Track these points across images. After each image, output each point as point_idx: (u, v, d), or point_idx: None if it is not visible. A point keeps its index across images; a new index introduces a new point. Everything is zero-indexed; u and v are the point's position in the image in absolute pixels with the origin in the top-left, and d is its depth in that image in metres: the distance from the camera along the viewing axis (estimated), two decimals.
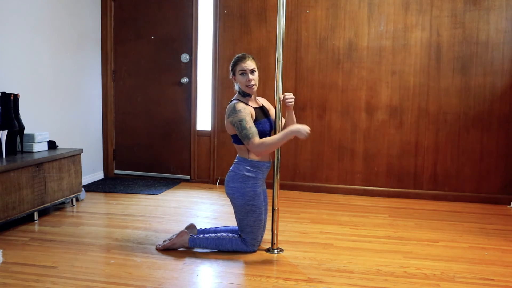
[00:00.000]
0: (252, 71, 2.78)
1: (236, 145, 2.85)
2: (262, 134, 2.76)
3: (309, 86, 4.56)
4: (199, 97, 4.86)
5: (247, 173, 2.79)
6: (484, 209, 4.07)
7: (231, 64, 2.84)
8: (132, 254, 2.82)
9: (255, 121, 2.76)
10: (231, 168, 2.87)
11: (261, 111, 2.86)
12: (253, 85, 2.79)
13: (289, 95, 2.82)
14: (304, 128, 2.69)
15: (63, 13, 4.30)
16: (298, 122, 2.89)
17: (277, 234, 2.92)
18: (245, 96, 2.83)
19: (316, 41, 4.53)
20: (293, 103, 2.83)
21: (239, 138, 2.78)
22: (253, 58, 2.82)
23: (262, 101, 2.97)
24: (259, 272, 2.59)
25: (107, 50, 4.97)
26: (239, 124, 2.70)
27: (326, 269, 2.65)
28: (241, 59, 2.80)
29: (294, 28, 4.54)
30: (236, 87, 2.87)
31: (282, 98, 2.81)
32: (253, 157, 2.79)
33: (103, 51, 4.97)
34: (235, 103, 2.76)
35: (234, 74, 2.83)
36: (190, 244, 2.88)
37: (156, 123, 5.02)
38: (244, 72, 2.78)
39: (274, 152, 2.86)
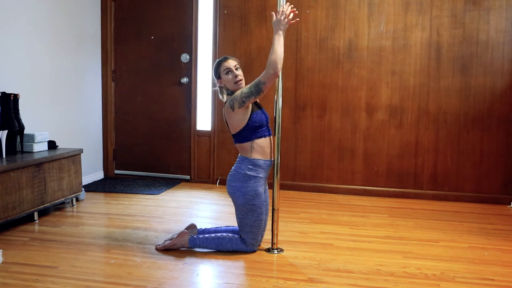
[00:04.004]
0: (236, 68, 2.83)
1: (237, 145, 2.85)
2: (260, 125, 2.79)
3: (309, 86, 4.56)
4: (199, 97, 4.86)
5: (248, 172, 2.79)
6: (484, 209, 4.07)
7: (214, 69, 2.89)
8: (132, 254, 2.82)
9: (251, 113, 2.78)
10: (233, 167, 2.87)
11: (254, 103, 2.88)
12: (240, 80, 2.83)
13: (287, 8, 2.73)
14: (278, 18, 2.70)
15: (63, 13, 4.30)
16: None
17: (277, 234, 2.92)
18: None
19: (316, 41, 4.52)
20: (291, 17, 2.74)
21: (240, 138, 2.81)
22: (234, 58, 2.88)
23: None
24: (259, 272, 2.59)
25: (107, 50, 4.97)
26: (245, 95, 2.72)
27: (326, 269, 2.65)
28: (223, 60, 2.86)
29: (294, 28, 4.54)
30: (220, 96, 2.90)
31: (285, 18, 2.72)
32: (254, 155, 2.80)
33: (103, 51, 4.97)
34: (227, 99, 2.82)
35: (219, 77, 2.86)
36: (190, 245, 2.88)
37: (156, 123, 5.02)
38: (229, 70, 2.82)
39: (274, 151, 2.87)
